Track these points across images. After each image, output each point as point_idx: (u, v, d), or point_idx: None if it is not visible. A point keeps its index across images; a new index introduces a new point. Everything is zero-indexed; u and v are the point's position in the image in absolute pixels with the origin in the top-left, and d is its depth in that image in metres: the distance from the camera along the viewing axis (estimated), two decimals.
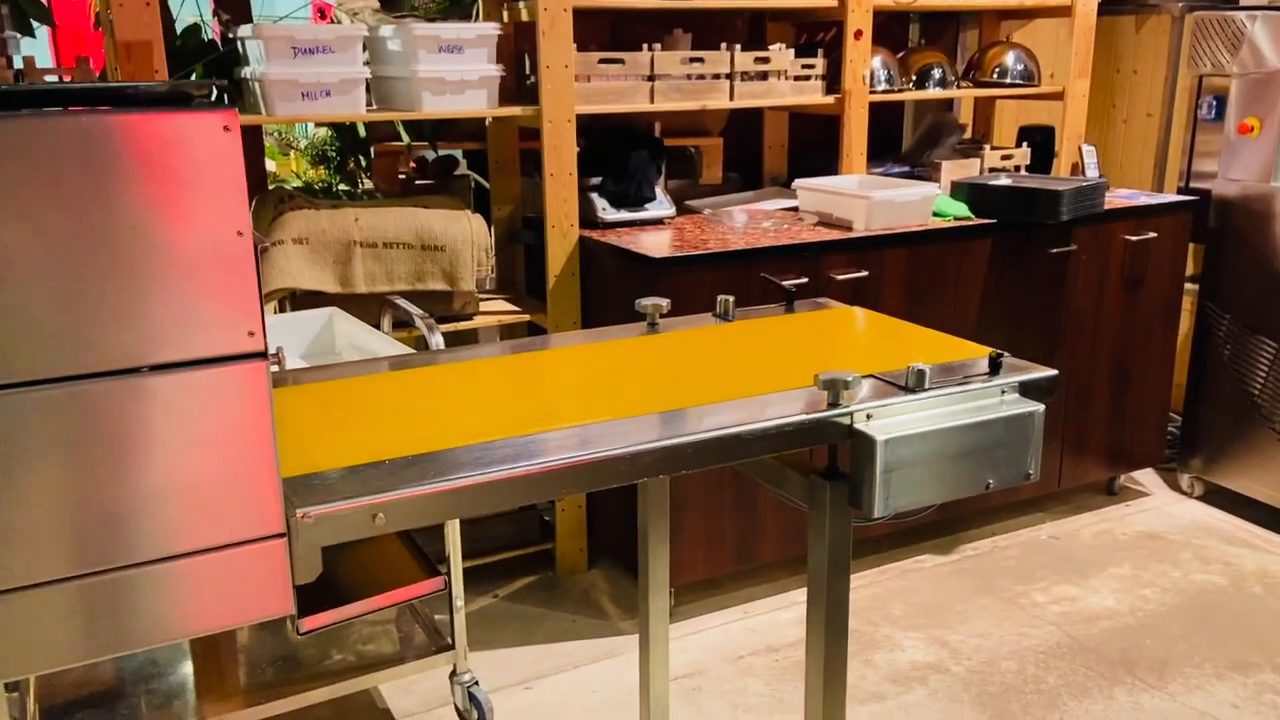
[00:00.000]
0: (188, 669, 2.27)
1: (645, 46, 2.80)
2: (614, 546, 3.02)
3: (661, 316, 1.86)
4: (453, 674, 2.30)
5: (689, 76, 2.86)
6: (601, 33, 3.08)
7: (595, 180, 2.91)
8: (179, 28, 2.86)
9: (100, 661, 2.22)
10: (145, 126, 0.94)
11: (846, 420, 1.38)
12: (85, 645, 1.09)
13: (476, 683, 2.31)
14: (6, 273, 0.94)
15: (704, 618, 2.77)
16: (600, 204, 2.89)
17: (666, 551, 1.90)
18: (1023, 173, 3.35)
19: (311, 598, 1.13)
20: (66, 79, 2.21)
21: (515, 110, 2.70)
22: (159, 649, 2.28)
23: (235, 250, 1.00)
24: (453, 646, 2.28)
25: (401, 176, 3.32)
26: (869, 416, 1.38)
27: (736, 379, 1.56)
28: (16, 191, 0.93)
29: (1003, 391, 1.47)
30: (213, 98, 1.17)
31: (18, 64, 2.34)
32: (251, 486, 1.06)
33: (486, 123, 3.02)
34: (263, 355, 1.04)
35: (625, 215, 2.90)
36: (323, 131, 3.26)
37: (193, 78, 2.81)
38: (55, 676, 2.16)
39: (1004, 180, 3.10)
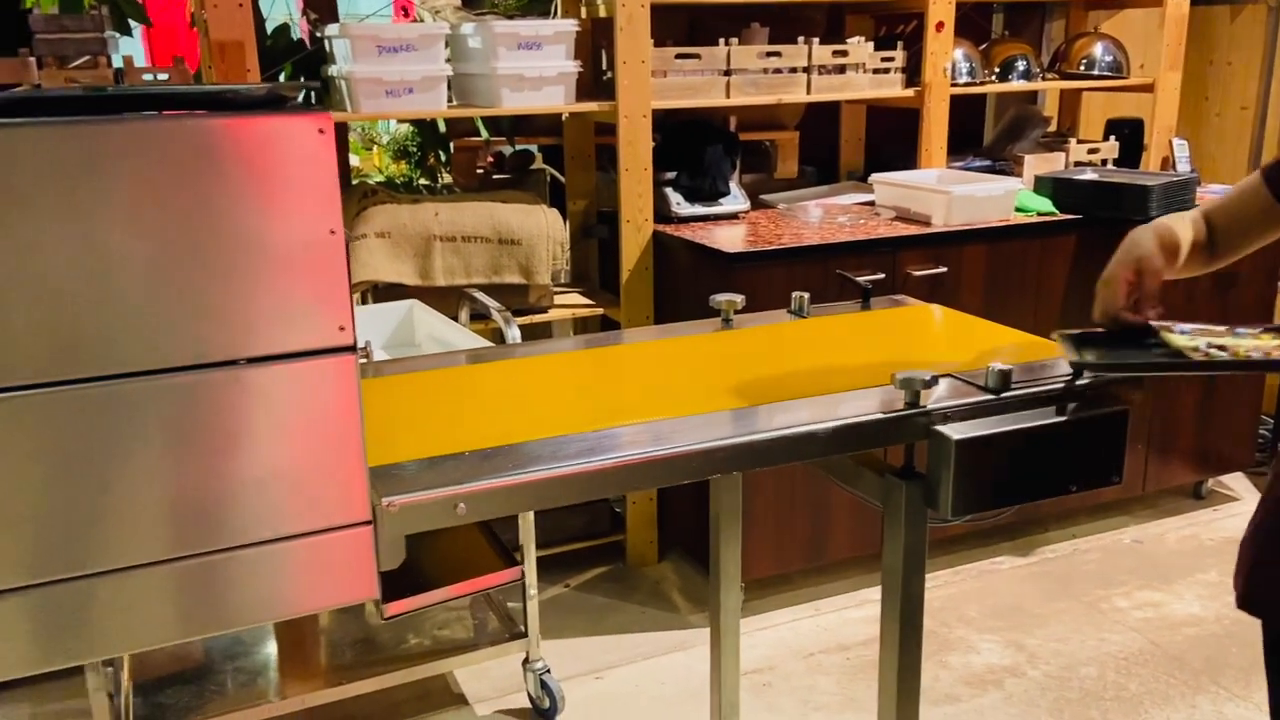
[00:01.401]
0: (272, 649, 2.35)
1: (722, 41, 2.80)
2: (684, 540, 3.03)
3: (736, 312, 1.86)
4: (525, 661, 2.35)
5: (765, 71, 2.85)
6: (678, 28, 3.09)
7: (670, 175, 2.92)
8: (269, 27, 2.95)
9: (192, 641, 2.31)
10: (244, 129, 0.98)
11: (924, 420, 1.37)
12: (183, 624, 1.14)
13: (548, 670, 2.35)
14: (116, 268, 0.99)
15: (774, 614, 2.77)
16: (675, 199, 2.90)
17: (739, 546, 1.90)
18: (1110, 167, 3.27)
19: (394, 584, 1.16)
20: (165, 79, 2.29)
21: (592, 106, 2.73)
22: (246, 629, 2.36)
23: (328, 248, 1.04)
24: (525, 634, 2.32)
25: (479, 171, 3.37)
26: (947, 417, 1.37)
27: (811, 376, 1.56)
28: (125, 191, 0.97)
29: (1085, 393, 1.44)
30: (305, 100, 1.21)
31: (116, 63, 2.43)
32: (340, 475, 1.10)
33: (563, 118, 3.05)
34: (352, 349, 1.07)
35: (699, 210, 2.91)
36: (404, 127, 3.33)
37: (281, 77, 2.89)
38: (147, 654, 2.25)
39: (1090, 175, 3.02)
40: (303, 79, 2.93)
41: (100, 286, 0.99)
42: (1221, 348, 1.29)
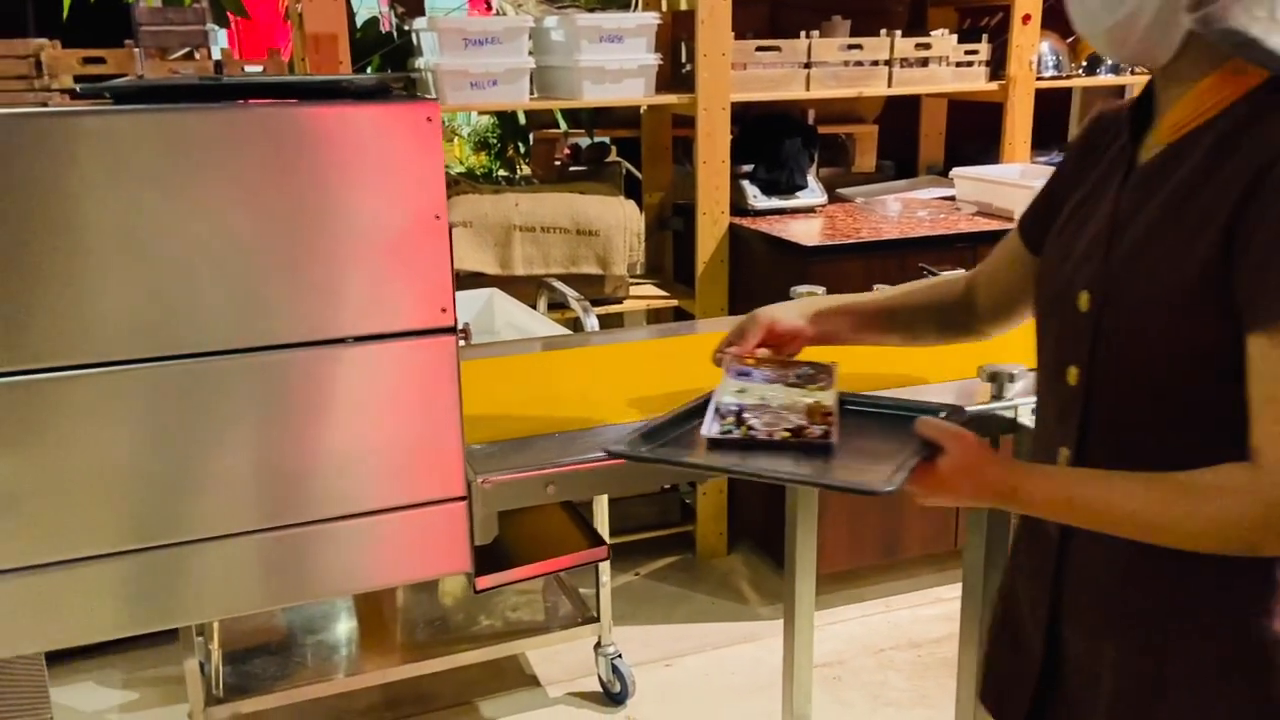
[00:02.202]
0: (352, 624, 2.42)
1: (803, 34, 2.80)
2: (753, 532, 3.04)
3: None
4: (597, 645, 2.38)
5: (846, 64, 2.84)
6: (758, 20, 3.09)
7: (747, 168, 2.93)
8: (358, 20, 3.02)
9: (279, 612, 2.39)
10: (359, 117, 1.02)
11: (1010, 414, 1.36)
12: (280, 592, 1.19)
13: (620, 655, 2.38)
14: (236, 250, 1.04)
15: (844, 609, 2.77)
16: (751, 191, 2.91)
17: (814, 539, 1.91)
18: None
19: (483, 560, 1.20)
20: (260, 70, 2.37)
21: (671, 98, 2.74)
22: (327, 604, 2.43)
23: (432, 232, 1.07)
24: (598, 619, 2.36)
25: (556, 163, 3.41)
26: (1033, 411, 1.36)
27: (893, 369, 1.56)
28: (246, 176, 1.02)
29: None
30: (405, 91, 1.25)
31: (215, 55, 2.52)
32: (438, 452, 1.14)
33: (641, 110, 3.07)
34: (453, 330, 1.11)
35: (776, 203, 2.91)
36: (485, 119, 3.39)
37: (368, 69, 2.97)
38: (234, 625, 2.34)
39: None
40: (389, 70, 3.00)
41: (219, 266, 1.04)
42: (762, 408, 1.14)
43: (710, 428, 1.11)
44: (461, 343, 1.12)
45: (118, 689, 2.42)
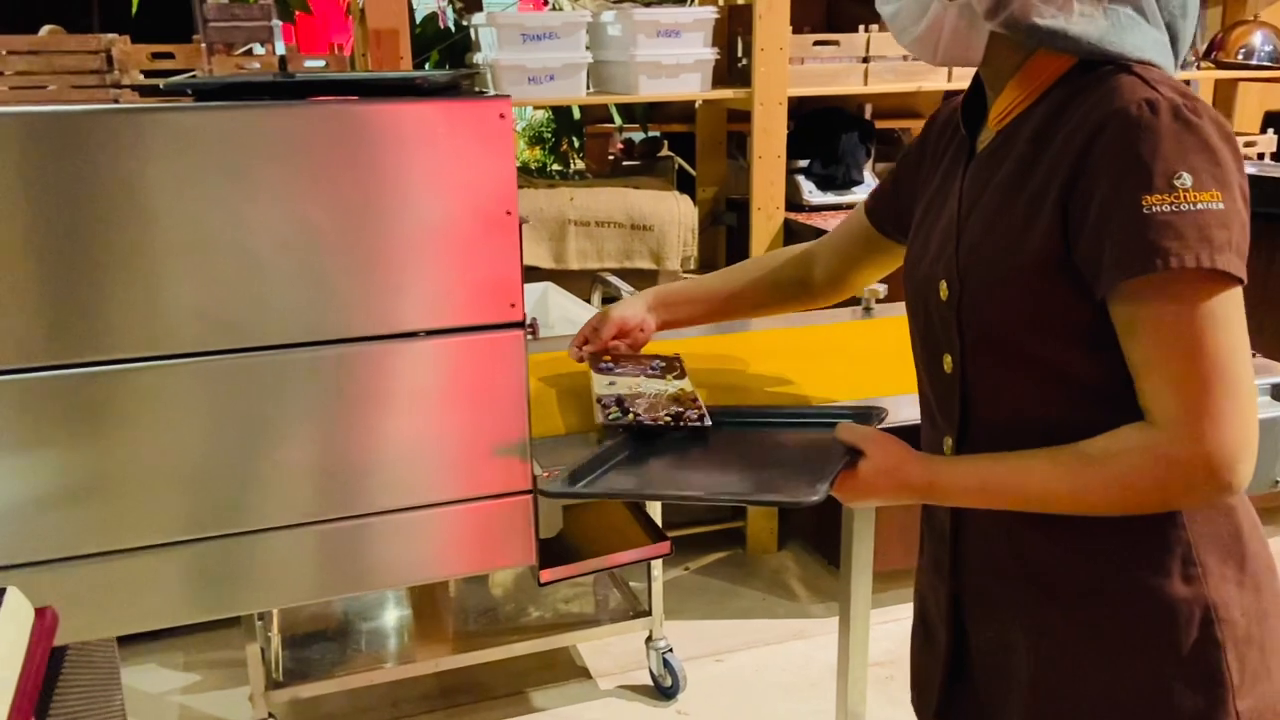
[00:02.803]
0: (406, 613, 2.45)
1: (861, 28, 2.77)
2: (804, 530, 3.03)
3: (878, 301, 1.86)
4: (648, 639, 2.39)
5: (905, 58, 2.81)
6: (815, 14, 3.07)
7: (802, 163, 2.91)
8: (417, 16, 3.05)
9: (335, 599, 2.43)
10: (433, 114, 1.03)
11: None
12: (351, 580, 1.21)
13: (671, 649, 2.39)
14: (310, 245, 1.05)
15: (898, 608, 2.75)
16: (806, 187, 2.89)
17: (871, 537, 1.90)
18: (1268, 161, 3.11)
19: (545, 553, 1.21)
20: (322, 65, 2.40)
21: (727, 93, 2.74)
22: (381, 592, 2.47)
23: (503, 228, 1.08)
24: (650, 613, 2.36)
25: (610, 158, 3.42)
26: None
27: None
28: (318, 171, 1.04)
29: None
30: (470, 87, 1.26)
31: (279, 50, 2.56)
32: (505, 445, 1.15)
33: (696, 105, 3.07)
34: (521, 325, 1.12)
35: (831, 198, 2.89)
36: (540, 113, 3.41)
37: (427, 65, 3.00)
38: (292, 610, 2.38)
39: (1249, 169, 2.88)
40: (448, 65, 3.03)
41: (294, 260, 1.06)
42: (637, 396, 1.22)
43: (599, 416, 1.17)
44: (528, 338, 1.13)
45: (179, 671, 2.47)
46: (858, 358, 1.63)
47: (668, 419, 1.18)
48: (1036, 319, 0.92)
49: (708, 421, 1.17)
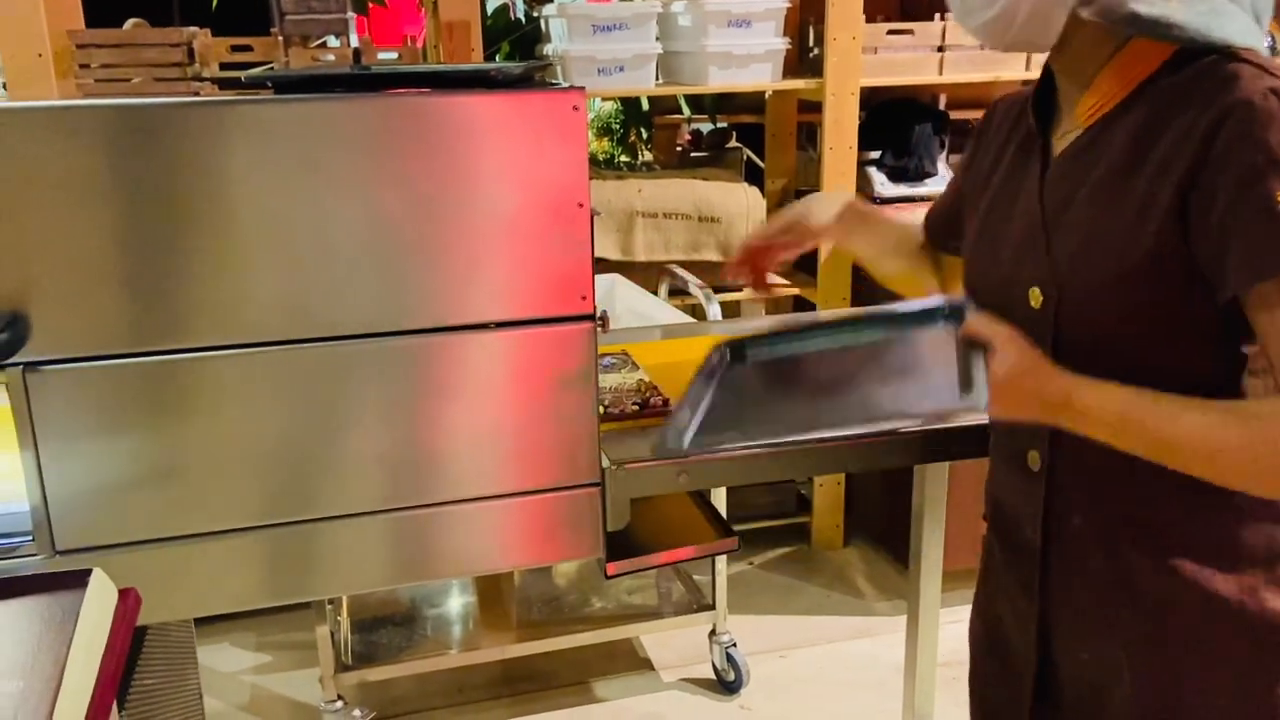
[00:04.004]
0: (471, 600, 2.48)
1: (937, 16, 2.71)
2: (870, 526, 2.99)
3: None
4: (712, 633, 2.38)
5: (981, 47, 2.74)
6: (889, 2, 3.02)
7: (874, 154, 2.86)
8: (488, 7, 3.07)
9: (408, 586, 2.46)
10: (510, 106, 1.03)
11: None
12: (420, 568, 1.22)
13: (735, 644, 2.37)
14: (385, 237, 1.06)
15: (966, 608, 2.70)
16: (878, 178, 2.84)
17: (941, 536, 1.87)
18: None
19: (614, 546, 1.21)
20: (395, 58, 2.43)
21: (798, 83, 2.70)
22: (449, 581, 2.50)
23: (576, 220, 1.08)
24: (713, 607, 2.35)
25: (678, 149, 3.40)
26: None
27: None
28: (394, 163, 1.05)
29: None
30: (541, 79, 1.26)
31: (353, 43, 2.59)
32: (575, 438, 1.15)
33: (766, 95, 3.03)
34: (591, 317, 1.12)
35: (903, 190, 2.84)
36: (608, 105, 3.40)
37: (497, 56, 3.01)
38: (360, 595, 2.42)
39: None
40: (518, 57, 3.05)
41: (368, 251, 1.07)
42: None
43: None
44: (599, 330, 1.13)
45: (251, 651, 2.53)
46: None
47: (635, 406, 1.25)
48: (1140, 319, 0.89)
49: (671, 406, 1.20)
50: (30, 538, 1.02)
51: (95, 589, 0.85)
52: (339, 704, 2.15)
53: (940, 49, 2.72)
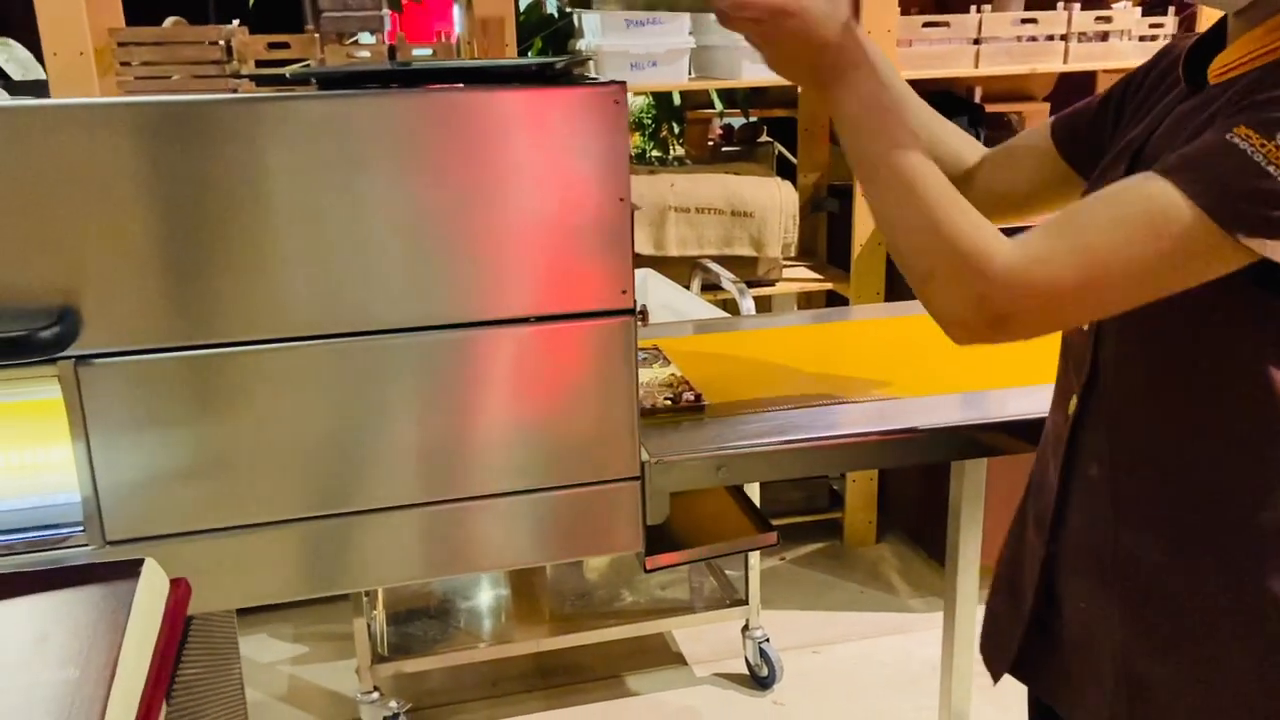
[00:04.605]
0: (505, 593, 2.49)
1: (974, 8, 2.69)
2: (904, 522, 2.97)
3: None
4: (745, 628, 2.38)
5: (1019, 39, 2.72)
6: None
7: None
8: (522, 3, 3.08)
9: (441, 579, 2.48)
10: (550, 101, 1.04)
11: None
12: (458, 561, 1.23)
13: (768, 639, 2.37)
14: (426, 232, 1.07)
15: None
16: None
17: (979, 533, 1.86)
18: None
19: (652, 541, 1.21)
20: (429, 54, 2.44)
21: None
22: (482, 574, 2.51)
23: (616, 214, 1.08)
24: (746, 602, 2.35)
25: (709, 143, 3.39)
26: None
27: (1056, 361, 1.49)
28: (434, 159, 1.05)
29: None
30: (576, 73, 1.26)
31: (389, 40, 2.60)
32: (614, 432, 1.15)
33: (799, 89, 3.02)
34: (631, 311, 1.12)
35: None
36: (641, 100, 3.40)
37: (530, 52, 3.02)
38: (396, 587, 2.44)
39: None
40: (551, 52, 3.05)
41: (412, 245, 1.08)
42: None
43: None
44: (638, 324, 1.13)
45: (288, 642, 2.56)
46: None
47: (666, 402, 1.26)
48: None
49: (703, 402, 1.26)
50: (81, 528, 1.04)
51: (148, 579, 0.86)
52: (375, 695, 2.17)
53: (976, 41, 2.70)
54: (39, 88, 2.47)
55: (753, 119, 3.35)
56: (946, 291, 0.86)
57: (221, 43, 2.35)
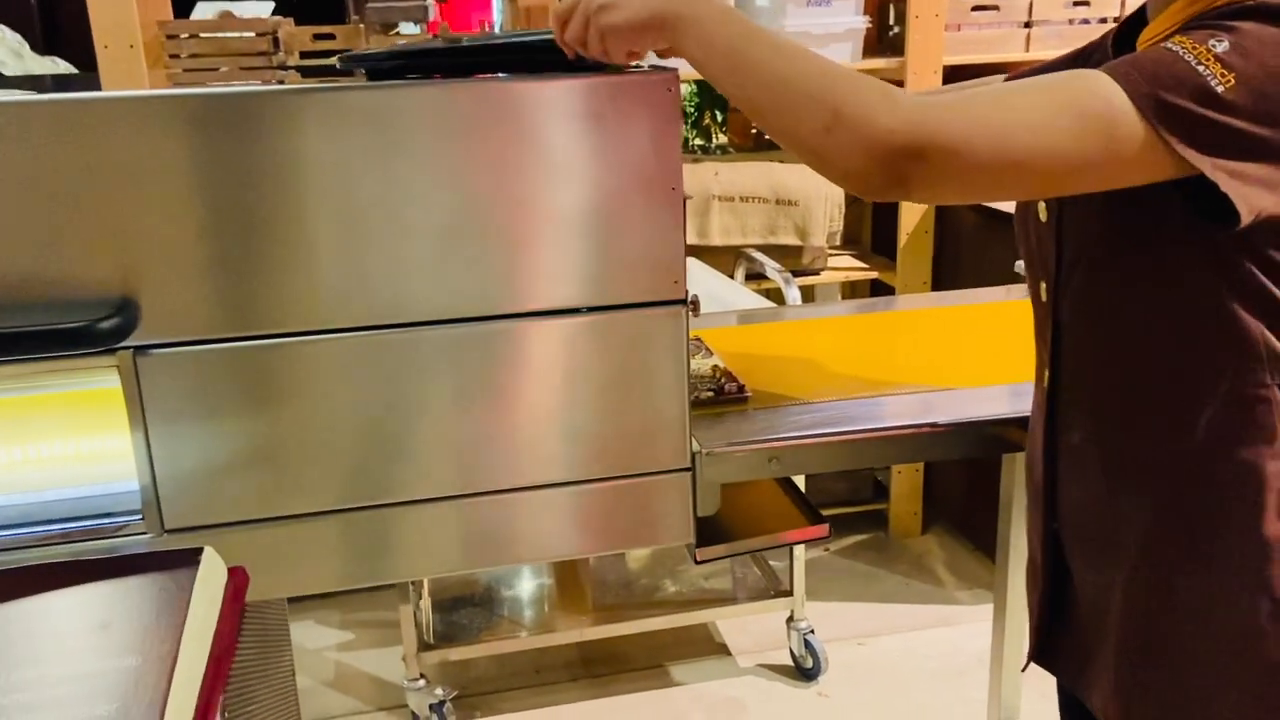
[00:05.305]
0: (549, 583, 2.50)
1: None
2: (950, 514, 2.94)
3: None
4: (789, 619, 2.37)
5: (1071, 21, 2.66)
6: None
7: None
8: None
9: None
10: (604, 89, 1.03)
11: None
12: (506, 552, 1.22)
13: (812, 630, 2.36)
14: (477, 221, 1.06)
15: None
16: None
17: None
18: None
19: (703, 533, 1.20)
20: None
21: (879, 62, 2.65)
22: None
23: (668, 203, 1.07)
24: (791, 593, 2.34)
25: (753, 131, 3.36)
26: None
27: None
28: (485, 149, 1.05)
29: None
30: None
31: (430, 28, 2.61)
32: (666, 422, 1.14)
33: None
34: (683, 301, 1.11)
35: None
36: (684, 87, 3.38)
37: None
38: (442, 575, 2.46)
39: None
40: None
41: (461, 235, 1.07)
42: None
43: None
44: (690, 314, 1.12)
45: (336, 629, 2.59)
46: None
47: (709, 393, 1.27)
48: (1136, 238, 0.88)
49: (747, 392, 1.27)
50: (139, 516, 1.05)
51: (207, 567, 0.87)
52: (421, 682, 2.19)
53: (1027, 24, 2.65)
54: (34, 81, 2.50)
55: None
56: (852, 135, 0.80)
57: (269, 34, 2.37)
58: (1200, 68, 0.77)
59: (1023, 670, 1.16)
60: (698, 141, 3.34)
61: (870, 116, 0.80)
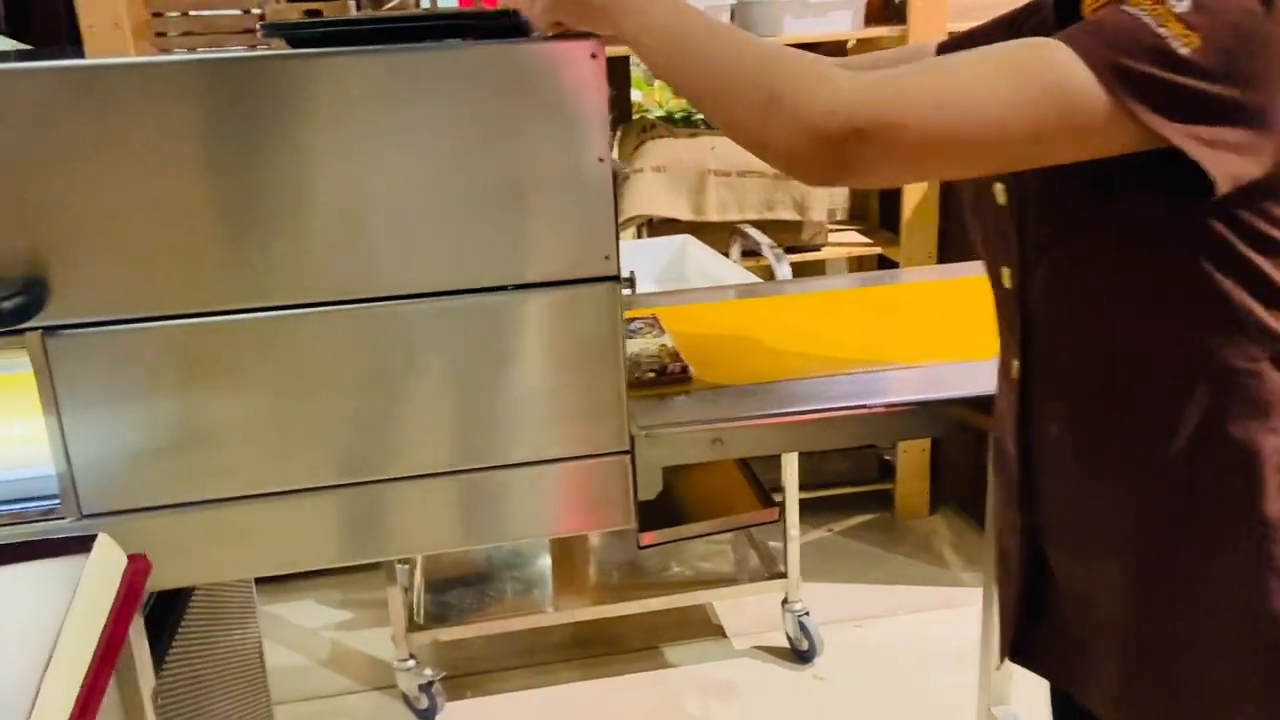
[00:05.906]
0: (547, 563, 2.48)
1: None
2: (958, 494, 2.88)
3: None
4: (784, 602, 2.33)
5: None
6: None
7: None
8: None
9: (477, 549, 2.48)
10: (521, 56, 0.99)
11: None
12: (459, 534, 1.20)
13: (807, 613, 2.32)
14: (403, 199, 1.03)
15: None
16: None
17: None
18: None
19: (653, 515, 1.17)
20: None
21: (881, 31, 2.57)
22: (525, 543, 2.51)
23: (596, 176, 1.03)
24: (785, 575, 2.30)
25: None
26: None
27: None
28: (413, 119, 1.01)
29: None
30: None
31: (424, 3, 2.57)
32: (600, 403, 1.11)
33: (848, 45, 2.90)
34: (616, 279, 1.07)
35: None
36: None
37: None
38: (436, 555, 2.45)
39: None
40: None
41: (393, 211, 1.04)
42: None
43: None
44: (626, 292, 1.08)
45: (334, 608, 2.60)
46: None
47: (651, 374, 1.24)
48: (1100, 218, 0.84)
49: (689, 373, 1.24)
50: (59, 501, 1.04)
51: (100, 554, 0.85)
52: (411, 662, 2.19)
53: None
54: None
55: None
56: (790, 120, 0.77)
57: (257, 9, 2.35)
58: (1161, 29, 0.72)
59: (997, 668, 1.11)
60: (697, 115, 3.28)
61: (808, 100, 0.77)
